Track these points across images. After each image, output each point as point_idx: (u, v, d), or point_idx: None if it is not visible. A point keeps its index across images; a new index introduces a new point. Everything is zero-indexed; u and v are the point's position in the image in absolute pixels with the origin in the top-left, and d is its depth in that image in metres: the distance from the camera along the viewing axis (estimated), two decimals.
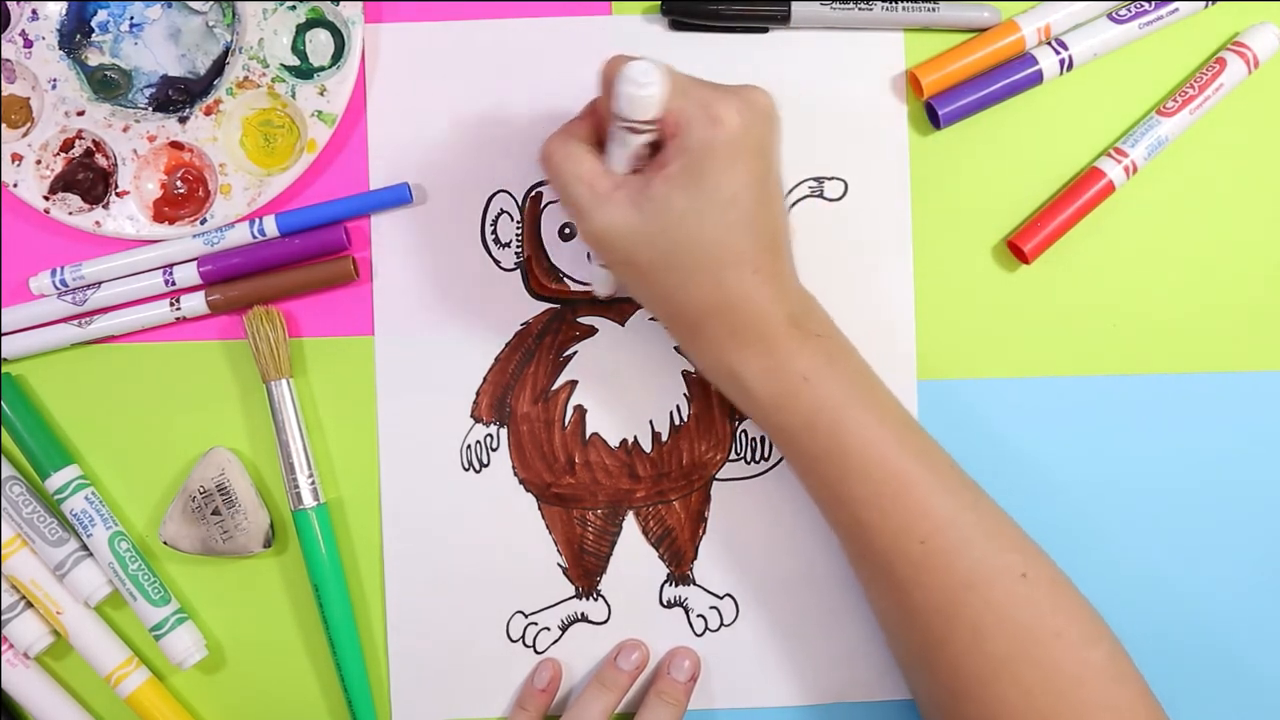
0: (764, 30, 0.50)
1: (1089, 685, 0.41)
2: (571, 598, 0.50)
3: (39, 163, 0.49)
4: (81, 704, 0.50)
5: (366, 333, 0.50)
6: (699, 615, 0.50)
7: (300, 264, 0.49)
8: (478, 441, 0.50)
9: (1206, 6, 0.49)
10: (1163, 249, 0.50)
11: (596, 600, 0.50)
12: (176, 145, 0.49)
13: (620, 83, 0.40)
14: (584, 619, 0.50)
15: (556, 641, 0.50)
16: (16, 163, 0.49)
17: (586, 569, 0.50)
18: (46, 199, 0.49)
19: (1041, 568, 0.43)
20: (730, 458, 0.50)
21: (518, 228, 0.50)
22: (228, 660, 0.51)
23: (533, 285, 0.50)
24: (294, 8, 0.49)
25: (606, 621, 0.50)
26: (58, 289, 0.49)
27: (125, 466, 0.50)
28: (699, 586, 0.50)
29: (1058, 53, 0.49)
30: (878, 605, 0.45)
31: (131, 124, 0.49)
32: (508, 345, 0.50)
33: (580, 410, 0.50)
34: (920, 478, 0.43)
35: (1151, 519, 0.50)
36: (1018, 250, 0.49)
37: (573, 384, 0.50)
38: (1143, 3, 0.49)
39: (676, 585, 0.50)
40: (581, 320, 0.50)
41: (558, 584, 0.50)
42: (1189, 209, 0.50)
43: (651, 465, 0.50)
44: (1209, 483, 0.50)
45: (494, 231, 0.50)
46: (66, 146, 0.49)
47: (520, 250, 0.50)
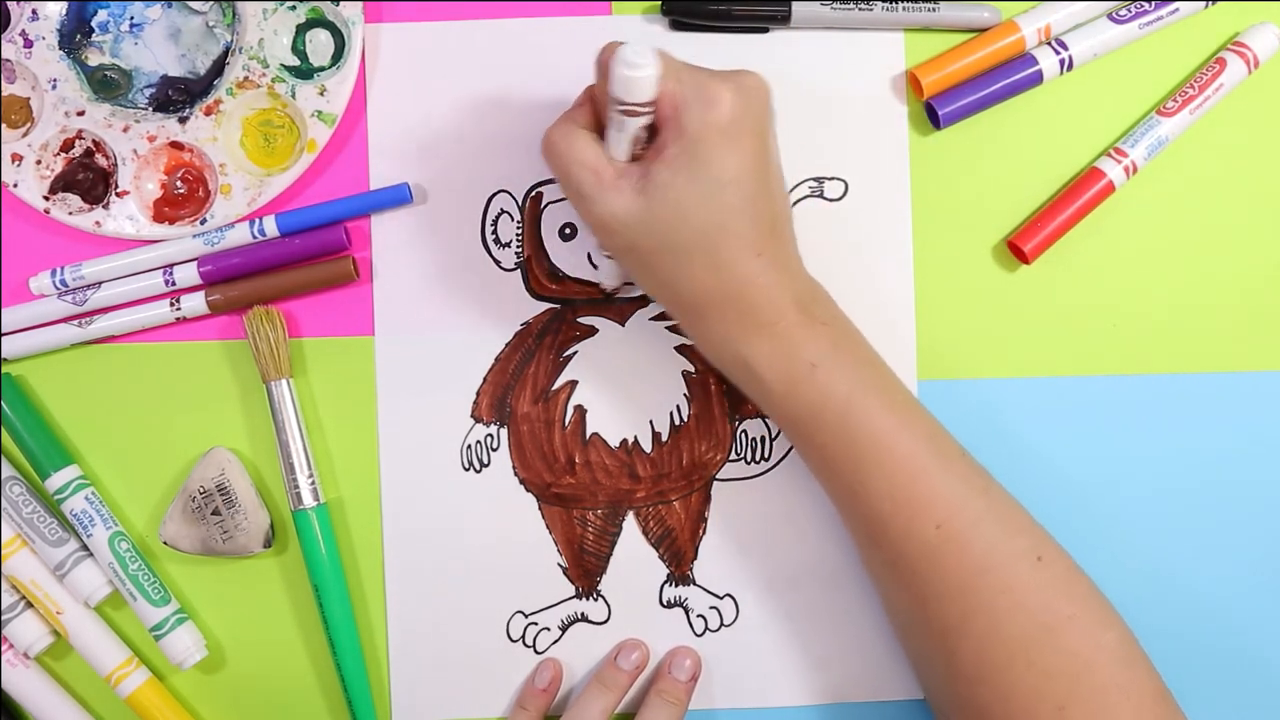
0: (764, 30, 0.50)
1: (1102, 667, 0.41)
2: (571, 598, 0.50)
3: (39, 163, 0.49)
4: (81, 704, 0.50)
5: (366, 333, 0.50)
6: (699, 615, 0.50)
7: (300, 264, 0.49)
8: (478, 441, 0.50)
9: (1206, 6, 0.49)
10: (1163, 249, 0.50)
11: (596, 600, 0.50)
12: (176, 145, 0.49)
13: (615, 65, 0.40)
14: (584, 619, 0.50)
15: (556, 641, 0.50)
16: (16, 163, 0.49)
17: (586, 569, 0.50)
18: (46, 199, 0.49)
19: (1053, 552, 0.43)
20: (730, 458, 0.50)
21: (518, 228, 0.50)
22: (228, 660, 0.51)
23: (533, 285, 0.50)
24: (294, 8, 0.49)
25: (606, 621, 0.50)
26: (58, 289, 0.49)
27: (125, 466, 0.50)
28: (699, 586, 0.50)
29: (1058, 53, 0.49)
30: (890, 595, 0.45)
31: (131, 124, 0.49)
32: (508, 345, 0.50)
33: (580, 410, 0.50)
34: (931, 464, 0.42)
35: (1152, 519, 0.50)
36: (1018, 250, 0.49)
37: (573, 384, 0.50)
38: (1143, 3, 0.49)
39: (676, 585, 0.50)
40: (581, 320, 0.50)
41: (558, 584, 0.50)
42: (1189, 209, 0.50)
43: (651, 465, 0.50)
44: (1209, 483, 0.50)
45: (494, 231, 0.50)
46: (66, 146, 0.49)
47: (520, 250, 0.50)
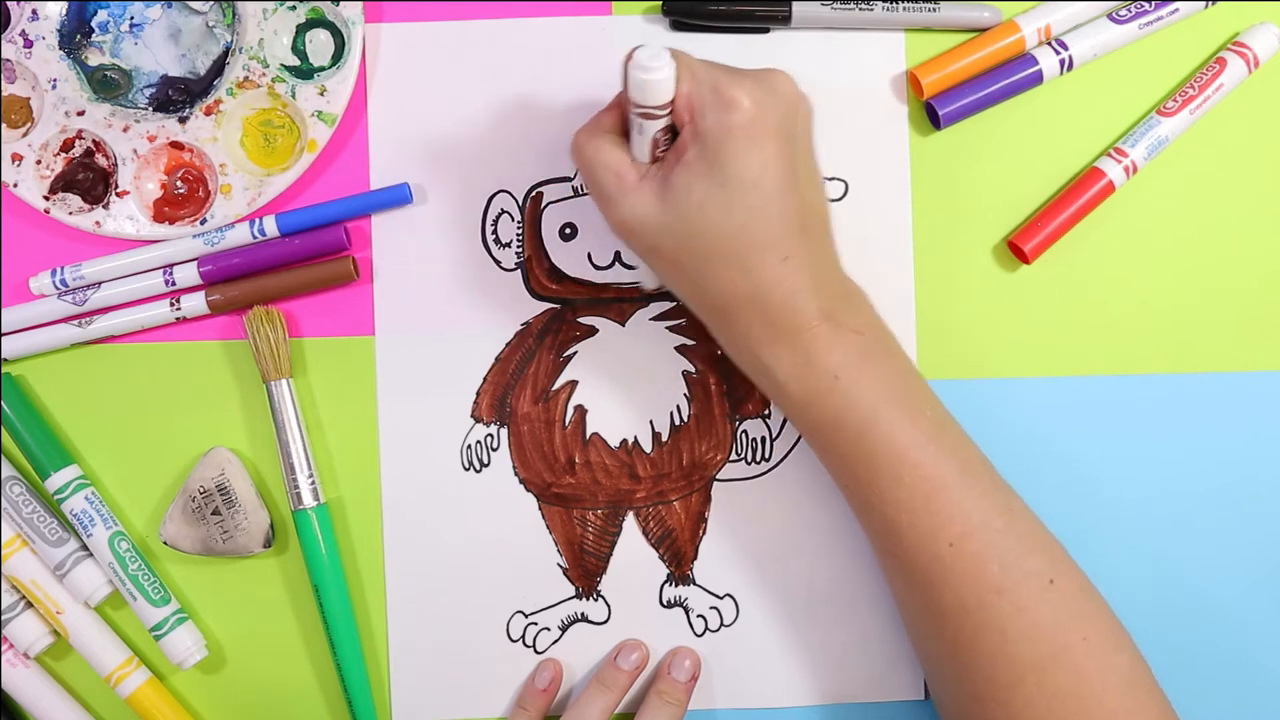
0: (764, 30, 0.50)
1: (1112, 692, 0.41)
2: (571, 598, 0.50)
3: (39, 163, 0.49)
4: (81, 704, 0.50)
5: (366, 333, 0.50)
6: (699, 615, 0.50)
7: (300, 264, 0.49)
8: (478, 441, 0.50)
9: (1206, 6, 0.49)
10: (1163, 249, 0.50)
11: (596, 600, 0.50)
12: (176, 145, 0.49)
13: (630, 69, 0.40)
14: (584, 619, 0.50)
15: (556, 641, 0.50)
16: (16, 163, 0.49)
17: (586, 569, 0.50)
18: (46, 199, 0.49)
19: (1069, 574, 0.43)
20: (730, 458, 0.50)
21: (518, 228, 0.50)
22: (228, 660, 0.51)
23: (533, 285, 0.50)
24: (294, 8, 0.49)
25: (606, 621, 0.50)
26: (58, 289, 0.49)
27: (125, 466, 0.50)
28: (699, 587, 0.50)
29: (1058, 53, 0.49)
30: (904, 604, 0.45)
31: (131, 124, 0.49)
32: (508, 345, 0.50)
33: (580, 410, 0.50)
34: (951, 481, 0.42)
35: (1152, 519, 0.50)
36: (1018, 250, 0.49)
37: (573, 384, 0.50)
38: (1143, 3, 0.49)
39: (676, 585, 0.50)
40: (582, 320, 0.50)
41: (558, 584, 0.50)
42: (1189, 209, 0.50)
43: (651, 465, 0.50)
44: (1209, 483, 0.50)
45: (494, 231, 0.50)
46: (66, 146, 0.49)
47: (520, 250, 0.50)
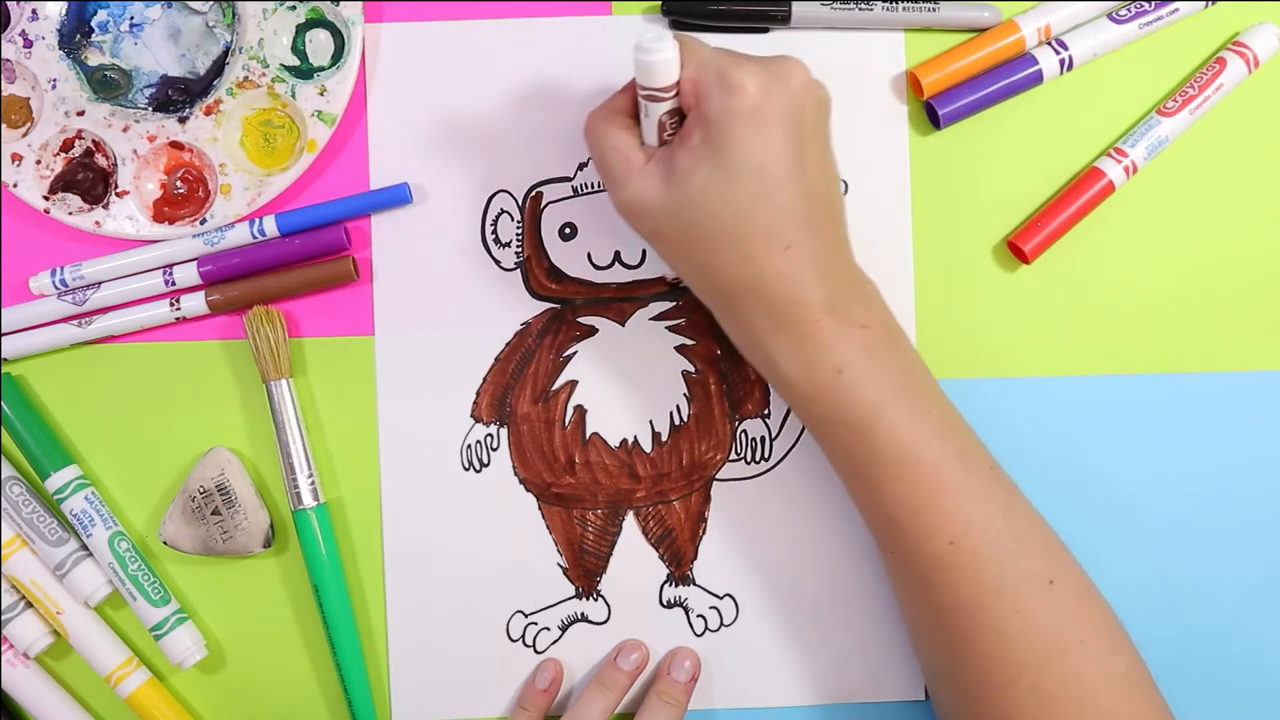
0: (764, 30, 0.50)
1: (1108, 695, 0.41)
2: (571, 598, 0.50)
3: (39, 163, 0.49)
4: (81, 704, 0.50)
5: (366, 333, 0.50)
6: (699, 615, 0.50)
7: (300, 264, 0.49)
8: (478, 441, 0.50)
9: (1206, 6, 0.49)
10: (1163, 249, 0.50)
11: (596, 600, 0.50)
12: (176, 145, 0.49)
13: (635, 51, 0.40)
14: (584, 619, 0.50)
15: (556, 641, 0.50)
16: (16, 163, 0.49)
17: (586, 569, 0.50)
18: (46, 199, 0.49)
19: (1070, 575, 0.43)
20: (730, 458, 0.50)
21: (518, 228, 0.50)
22: (228, 660, 0.51)
23: (533, 285, 0.50)
24: (294, 8, 0.49)
25: (606, 621, 0.50)
26: (58, 289, 0.49)
27: (125, 466, 0.50)
28: (699, 586, 0.50)
29: (1058, 53, 0.49)
30: (904, 601, 0.45)
31: (131, 124, 0.49)
32: (508, 345, 0.50)
33: (580, 410, 0.50)
34: (953, 479, 0.42)
35: (1152, 519, 0.50)
36: (1018, 250, 0.49)
37: (573, 384, 0.50)
38: (1143, 3, 0.49)
39: (676, 585, 0.50)
40: (581, 320, 0.50)
41: (558, 584, 0.50)
42: (1189, 209, 0.50)
43: (651, 465, 0.50)
44: (1209, 483, 0.50)
45: (494, 231, 0.50)
46: (66, 146, 0.49)
47: (520, 250, 0.50)
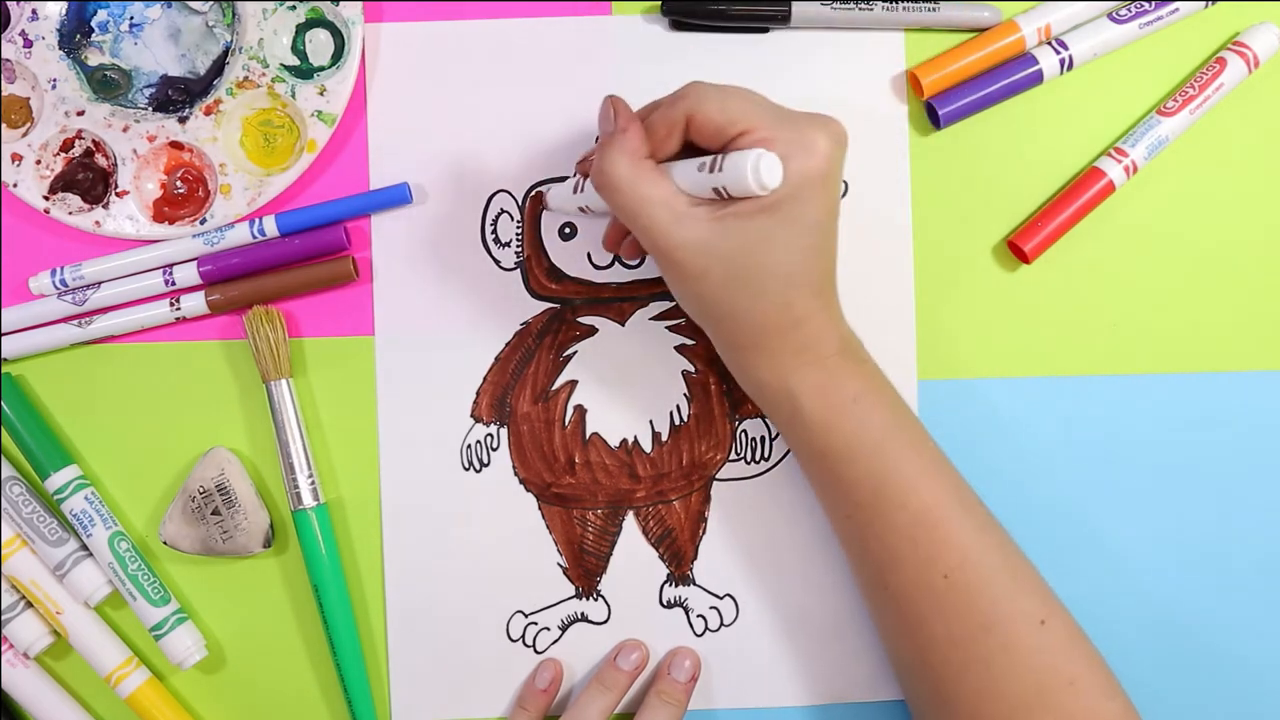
0: (764, 30, 0.50)
1: None
2: (571, 598, 0.50)
3: (39, 163, 0.49)
4: (81, 704, 0.50)
5: (366, 333, 0.50)
6: (699, 615, 0.50)
7: (300, 264, 0.49)
8: (478, 441, 0.50)
9: (1206, 6, 0.49)
10: (1163, 249, 0.50)
11: (596, 600, 0.50)
12: (176, 145, 0.49)
13: (742, 169, 0.39)
14: (584, 619, 0.50)
15: (556, 641, 0.50)
16: (16, 163, 0.49)
17: (586, 569, 0.50)
18: (46, 199, 0.49)
19: (1059, 616, 0.43)
20: (730, 458, 0.50)
21: (518, 228, 0.50)
22: (228, 660, 0.51)
23: (533, 285, 0.50)
24: (294, 8, 0.49)
25: (606, 621, 0.50)
26: (58, 289, 0.49)
27: (125, 466, 0.50)
28: (699, 586, 0.50)
29: (1058, 53, 0.49)
30: (894, 642, 0.45)
31: (131, 124, 0.49)
32: (508, 345, 0.50)
33: (580, 410, 0.50)
34: (953, 511, 0.43)
35: (1151, 518, 0.50)
36: (1018, 250, 0.49)
37: (573, 384, 0.50)
38: (1143, 3, 0.49)
39: (676, 585, 0.50)
40: (581, 320, 0.50)
41: (558, 584, 0.50)
42: (1189, 209, 0.50)
43: (651, 465, 0.50)
44: (1209, 483, 0.50)
45: (494, 231, 0.50)
46: (66, 146, 0.49)
47: (520, 250, 0.50)
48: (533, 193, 0.50)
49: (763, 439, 0.50)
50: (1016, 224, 0.50)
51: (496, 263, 0.50)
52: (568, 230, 0.50)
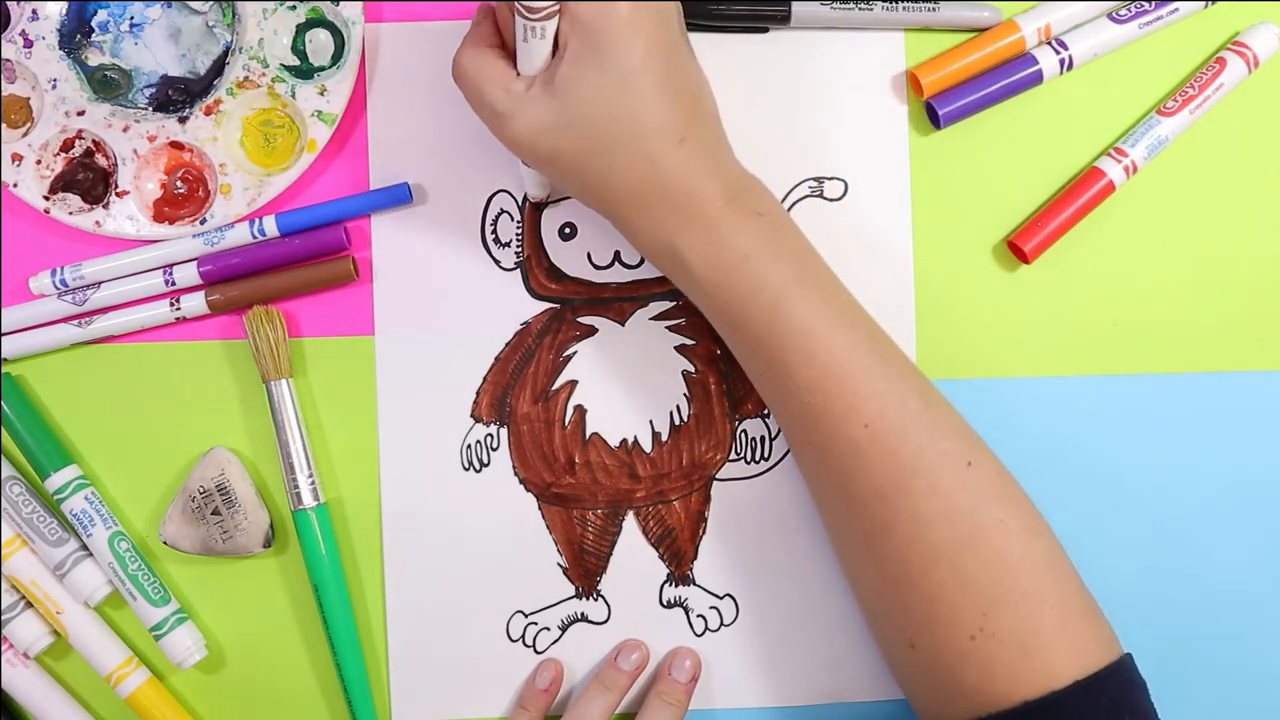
0: (764, 30, 0.50)
1: (1028, 575, 0.41)
2: (571, 598, 0.50)
3: (39, 163, 0.49)
4: (81, 704, 0.50)
5: (366, 333, 0.50)
6: (699, 615, 0.50)
7: (300, 264, 0.49)
8: (478, 441, 0.50)
9: (1206, 6, 0.49)
10: (1163, 249, 0.50)
11: (596, 600, 0.50)
12: (176, 145, 0.49)
13: None
14: (584, 619, 0.50)
15: (556, 641, 0.50)
16: (16, 163, 0.49)
17: (586, 569, 0.50)
18: (46, 199, 0.49)
19: (986, 458, 0.43)
20: (730, 458, 0.50)
21: (518, 228, 0.50)
22: (228, 660, 0.51)
23: (533, 285, 0.50)
24: (294, 8, 0.49)
25: (606, 621, 0.50)
26: (58, 289, 0.49)
27: (125, 466, 0.50)
28: (699, 586, 0.50)
29: (1058, 53, 0.49)
30: (821, 496, 0.45)
31: (131, 124, 0.49)
32: (508, 345, 0.50)
33: (580, 410, 0.50)
34: (866, 362, 0.42)
35: (1151, 519, 0.50)
36: (1018, 250, 0.49)
37: (573, 384, 0.50)
38: (1143, 3, 0.49)
39: (676, 585, 0.50)
40: (581, 320, 0.50)
41: (558, 584, 0.50)
42: (1189, 209, 0.50)
43: (651, 465, 0.50)
44: (1209, 483, 0.50)
45: (494, 231, 0.50)
46: (66, 146, 0.49)
47: (520, 250, 0.50)
48: None
49: (763, 439, 0.50)
50: (1016, 224, 0.50)
51: (496, 263, 0.50)
52: (568, 230, 0.50)
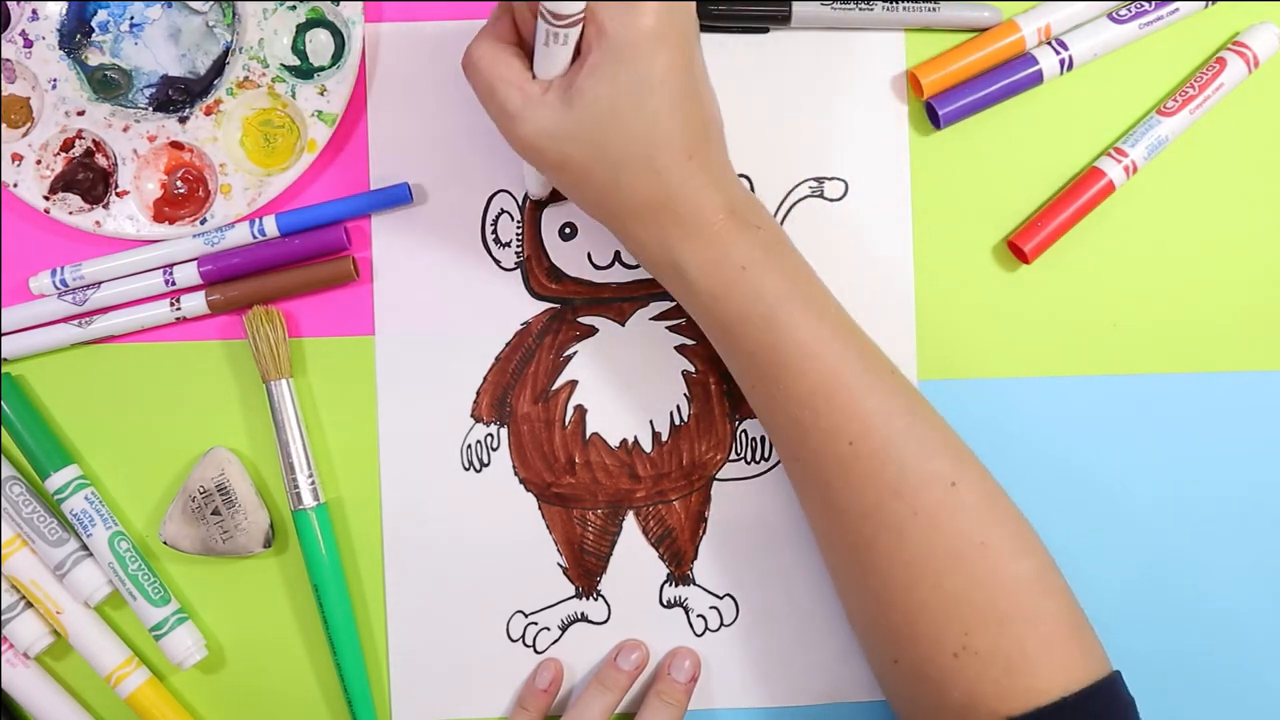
0: (764, 30, 0.50)
1: (1011, 597, 0.41)
2: (571, 598, 0.50)
3: (39, 163, 0.49)
4: (81, 704, 0.50)
5: (366, 333, 0.50)
6: (699, 615, 0.50)
7: (300, 264, 0.49)
8: (478, 441, 0.50)
9: (1206, 6, 0.49)
10: (1163, 249, 0.50)
11: (596, 600, 0.50)
12: (176, 145, 0.49)
13: None
14: (584, 619, 0.50)
15: (556, 641, 0.50)
16: (16, 163, 0.49)
17: (587, 569, 0.50)
18: (46, 199, 0.49)
19: (973, 478, 0.43)
20: (730, 458, 0.50)
21: (518, 228, 0.50)
22: (228, 660, 0.51)
23: (533, 285, 0.50)
24: (294, 8, 0.49)
25: (606, 621, 0.50)
26: (58, 289, 0.49)
27: (125, 466, 0.50)
28: (699, 586, 0.50)
29: (1058, 53, 0.49)
30: (808, 510, 0.45)
31: (131, 124, 0.49)
32: (508, 345, 0.50)
33: (580, 410, 0.50)
34: (855, 379, 0.42)
35: (1151, 518, 0.50)
36: (1018, 250, 0.49)
37: (573, 384, 0.50)
38: (1143, 3, 0.49)
39: (676, 585, 0.50)
40: (581, 320, 0.50)
41: (558, 584, 0.50)
42: (1189, 209, 0.50)
43: (651, 465, 0.50)
44: (1209, 483, 0.50)
45: (494, 231, 0.50)
46: (66, 146, 0.49)
47: (520, 250, 0.50)
48: None
49: (763, 439, 0.50)
50: (1016, 224, 0.50)
51: (496, 263, 0.50)
52: (568, 230, 0.50)
